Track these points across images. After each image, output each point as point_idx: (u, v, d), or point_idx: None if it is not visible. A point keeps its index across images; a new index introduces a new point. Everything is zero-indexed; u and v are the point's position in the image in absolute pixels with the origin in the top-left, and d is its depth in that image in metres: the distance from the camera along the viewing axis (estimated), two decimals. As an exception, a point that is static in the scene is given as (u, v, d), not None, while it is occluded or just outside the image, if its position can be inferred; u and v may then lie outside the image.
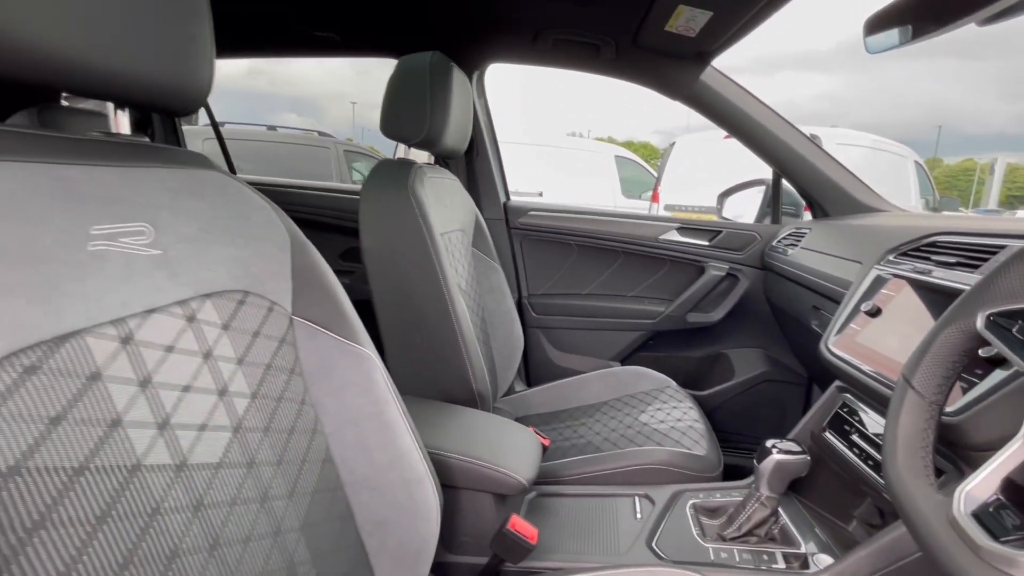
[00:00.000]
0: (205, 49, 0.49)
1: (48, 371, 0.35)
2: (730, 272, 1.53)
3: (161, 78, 0.46)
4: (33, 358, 0.34)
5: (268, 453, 0.52)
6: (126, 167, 0.45)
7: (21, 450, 0.33)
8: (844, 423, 0.84)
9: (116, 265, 0.41)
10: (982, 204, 27.83)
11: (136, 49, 0.42)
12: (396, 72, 1.05)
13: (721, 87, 1.32)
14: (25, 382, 0.34)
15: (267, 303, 0.55)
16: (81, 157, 0.41)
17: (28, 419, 0.33)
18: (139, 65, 0.43)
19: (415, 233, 0.99)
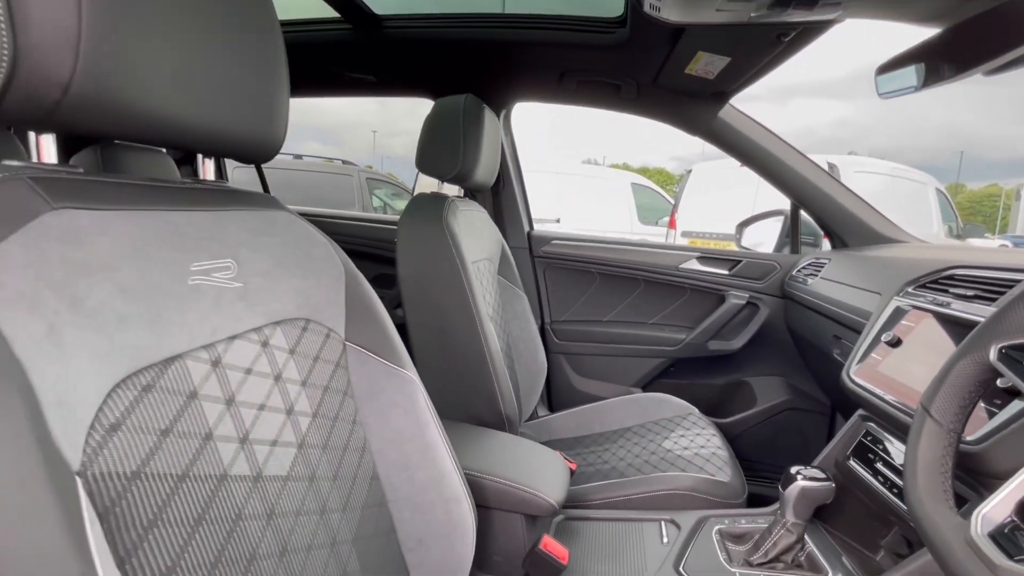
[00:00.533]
0: (282, 106, 0.56)
1: (159, 389, 0.41)
2: (750, 301, 1.55)
3: (247, 133, 0.52)
4: (148, 377, 0.40)
5: (326, 468, 0.57)
6: (217, 211, 0.51)
7: (141, 457, 0.38)
8: (868, 451, 0.86)
9: (208, 297, 0.47)
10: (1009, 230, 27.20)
11: (231, 110, 0.49)
12: (433, 113, 1.13)
13: (739, 123, 1.38)
14: (143, 399, 0.39)
15: (325, 330, 0.61)
16: (185, 204, 0.48)
17: (146, 431, 0.39)
18: (232, 123, 0.50)
19: (449, 263, 1.05)
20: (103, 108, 0.38)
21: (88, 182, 0.41)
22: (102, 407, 0.36)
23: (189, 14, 0.43)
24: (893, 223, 1.41)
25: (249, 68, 0.51)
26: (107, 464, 0.35)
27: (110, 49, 0.37)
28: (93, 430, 0.35)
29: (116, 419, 0.37)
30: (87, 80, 0.36)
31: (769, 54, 1.01)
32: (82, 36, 0.35)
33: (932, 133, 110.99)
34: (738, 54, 1.03)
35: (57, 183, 0.38)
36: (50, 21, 0.34)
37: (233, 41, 0.48)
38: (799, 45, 0.98)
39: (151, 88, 0.41)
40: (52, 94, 0.35)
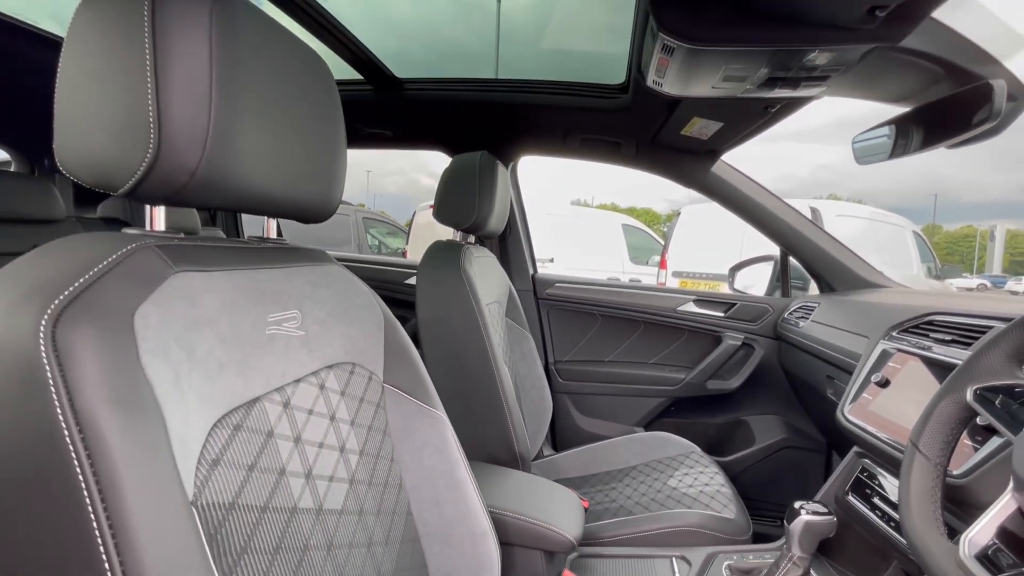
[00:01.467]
0: (341, 171, 0.64)
1: (247, 428, 0.46)
2: (745, 342, 1.63)
3: (314, 198, 0.60)
4: (238, 417, 0.45)
5: (371, 504, 0.62)
6: (286, 267, 0.58)
7: (235, 489, 0.43)
8: (865, 487, 0.91)
9: (280, 344, 0.53)
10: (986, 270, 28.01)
11: (305, 180, 0.57)
12: (451, 168, 1.22)
13: (730, 177, 1.49)
14: (235, 436, 0.44)
15: (368, 373, 0.67)
16: (263, 262, 0.54)
17: (238, 466, 0.44)
18: (303, 190, 0.57)
19: (466, 306, 1.12)
20: (216, 187, 0.45)
21: (195, 247, 0.47)
22: (205, 443, 0.41)
23: (283, 106, 0.51)
24: (875, 268, 1.51)
25: (320, 143, 0.58)
26: (212, 495, 0.40)
27: (227, 140, 0.44)
28: (200, 464, 0.40)
29: (216, 455, 0.42)
30: (209, 167, 0.43)
31: (758, 121, 1.12)
32: (210, 132, 0.42)
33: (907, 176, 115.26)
34: (730, 120, 1.14)
35: (174, 249, 0.44)
36: (188, 122, 0.41)
37: (311, 123, 0.56)
38: (784, 114, 1.09)
39: (252, 168, 0.48)
40: (181, 179, 0.42)
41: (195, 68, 0.41)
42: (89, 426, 0.32)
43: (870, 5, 0.61)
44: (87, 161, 0.42)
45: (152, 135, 0.40)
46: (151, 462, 0.34)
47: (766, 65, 0.77)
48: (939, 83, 0.77)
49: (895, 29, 0.67)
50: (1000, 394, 0.54)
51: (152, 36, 0.39)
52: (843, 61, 0.75)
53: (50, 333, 0.33)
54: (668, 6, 0.70)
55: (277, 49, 0.50)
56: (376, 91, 1.43)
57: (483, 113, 1.46)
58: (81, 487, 0.31)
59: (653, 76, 0.91)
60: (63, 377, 0.32)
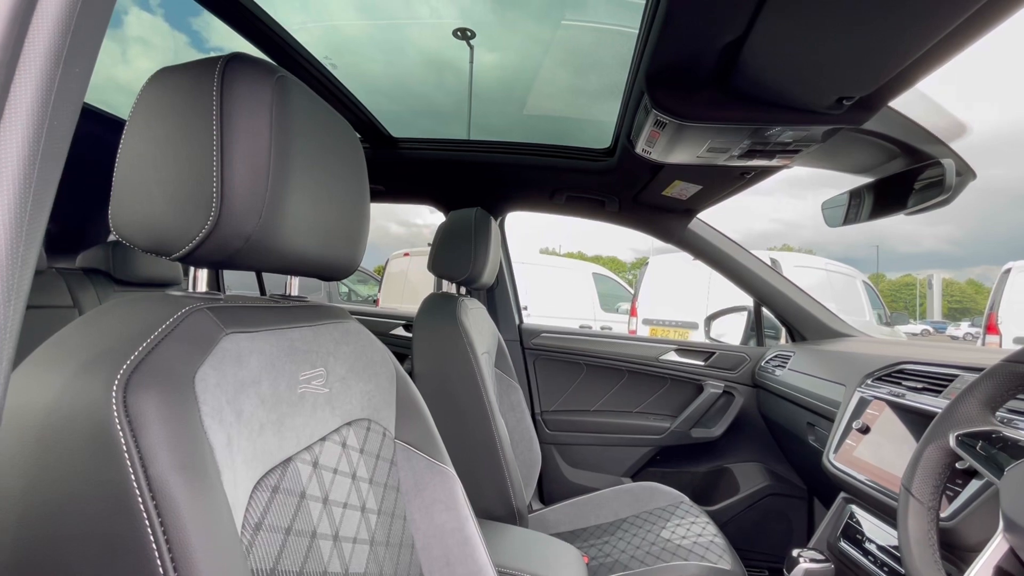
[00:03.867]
0: (364, 232, 0.66)
1: (283, 490, 0.46)
2: (726, 390, 1.68)
3: (340, 256, 0.62)
4: (275, 479, 0.45)
5: (389, 566, 0.60)
6: (315, 326, 0.59)
7: (275, 555, 0.42)
8: (856, 532, 0.95)
9: (309, 402, 0.53)
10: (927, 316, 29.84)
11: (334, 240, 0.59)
12: (447, 224, 1.27)
13: (705, 234, 1.59)
14: (274, 498, 0.44)
15: (382, 429, 0.67)
16: (295, 321, 0.55)
17: (276, 530, 0.43)
18: (332, 249, 0.59)
19: (463, 358, 1.13)
20: (266, 251, 0.47)
21: (239, 308, 0.48)
22: (248, 506, 0.41)
23: (323, 173, 0.54)
24: (841, 319, 1.61)
25: (350, 205, 0.61)
26: (256, 560, 0.40)
27: (280, 208, 0.47)
28: (245, 528, 0.40)
29: (259, 518, 0.42)
30: (262, 233, 0.45)
31: (734, 185, 1.23)
32: (266, 201, 0.45)
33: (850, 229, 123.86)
34: (708, 184, 1.24)
35: (223, 311, 0.45)
36: (248, 191, 0.43)
37: (343, 186, 0.59)
38: (759, 179, 1.20)
39: (297, 232, 0.50)
40: (236, 244, 0.44)
41: (257, 141, 0.44)
42: (161, 492, 0.32)
43: (838, 96, 0.71)
44: (146, 227, 0.43)
45: (215, 203, 0.42)
46: (218, 527, 0.34)
47: (747, 138, 0.86)
48: (895, 159, 0.87)
49: (858, 114, 0.77)
50: (980, 439, 0.59)
51: (220, 110, 0.42)
52: (813, 138, 0.85)
53: (121, 399, 0.33)
54: (662, 87, 0.78)
55: (320, 121, 0.54)
56: (372, 149, 1.48)
57: (473, 172, 1.53)
58: (155, 554, 0.31)
59: (643, 145, 1.00)
60: (136, 443, 0.32)
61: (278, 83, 0.46)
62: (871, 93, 0.69)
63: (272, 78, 0.46)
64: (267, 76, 0.46)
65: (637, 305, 5.40)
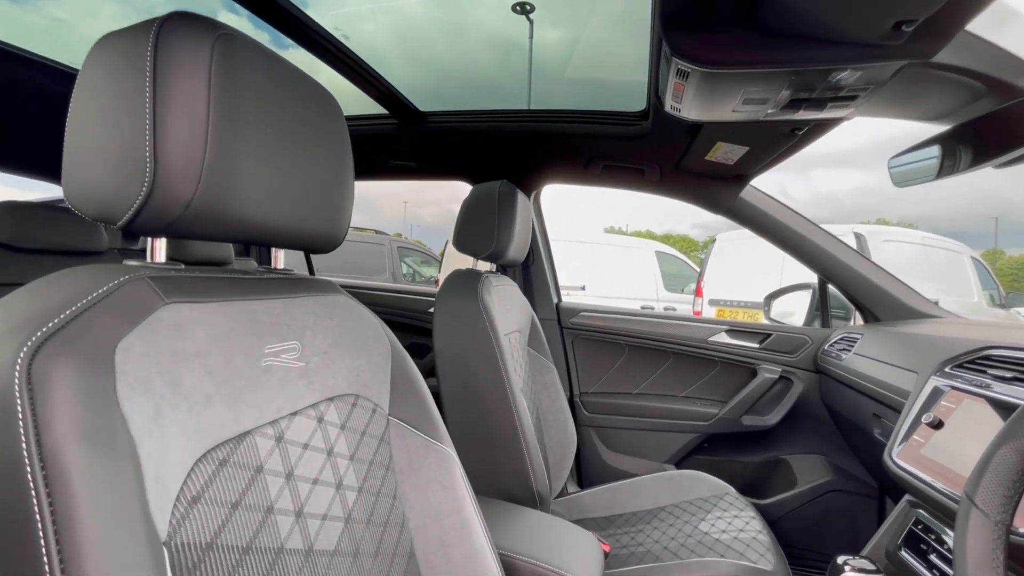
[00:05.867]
0: (348, 204, 0.64)
1: (233, 464, 0.45)
2: (783, 375, 1.53)
3: (320, 228, 0.60)
4: (224, 452, 0.44)
5: (368, 544, 0.59)
6: (288, 298, 0.57)
7: (215, 529, 0.41)
8: (920, 541, 0.82)
9: (276, 376, 0.52)
10: (1058, 298, 26.02)
11: (309, 210, 0.57)
12: (470, 198, 1.23)
13: (760, 202, 1.43)
14: (220, 472, 0.43)
15: (372, 405, 0.65)
16: (261, 293, 0.54)
17: (220, 503, 0.42)
18: (308, 220, 0.57)
19: (483, 337, 1.10)
20: (213, 218, 0.45)
21: (190, 278, 0.47)
22: (186, 480, 0.40)
23: (284, 136, 0.52)
24: (924, 297, 1.40)
25: (324, 175, 0.59)
26: (188, 535, 0.39)
27: (222, 173, 0.45)
28: (178, 502, 0.39)
29: (197, 492, 0.41)
30: (204, 198, 0.43)
31: (785, 144, 1.08)
32: (205, 164, 0.43)
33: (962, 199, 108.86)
34: (755, 144, 1.10)
35: (168, 281, 0.45)
36: (184, 154, 0.42)
37: (313, 152, 0.56)
38: (812, 137, 1.05)
39: (250, 199, 0.48)
40: (176, 211, 0.43)
41: (193, 103, 0.42)
42: (53, 462, 0.31)
43: (895, 21, 0.58)
44: (90, 195, 0.43)
45: (148, 169, 0.41)
46: (115, 499, 0.33)
47: (787, 87, 0.74)
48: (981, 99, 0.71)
49: (926, 45, 0.63)
50: (1070, 443, 0.47)
51: (153, 73, 0.41)
52: (872, 80, 0.71)
53: (26, 366, 0.32)
54: (679, 30, 0.68)
55: (280, 83, 0.51)
56: (401, 124, 1.47)
57: (503, 143, 1.47)
58: (38, 524, 0.30)
59: (671, 102, 0.89)
60: (33, 411, 0.31)
61: (220, 41, 0.44)
62: (937, 13, 0.56)
63: (212, 36, 0.43)
64: (206, 34, 0.43)
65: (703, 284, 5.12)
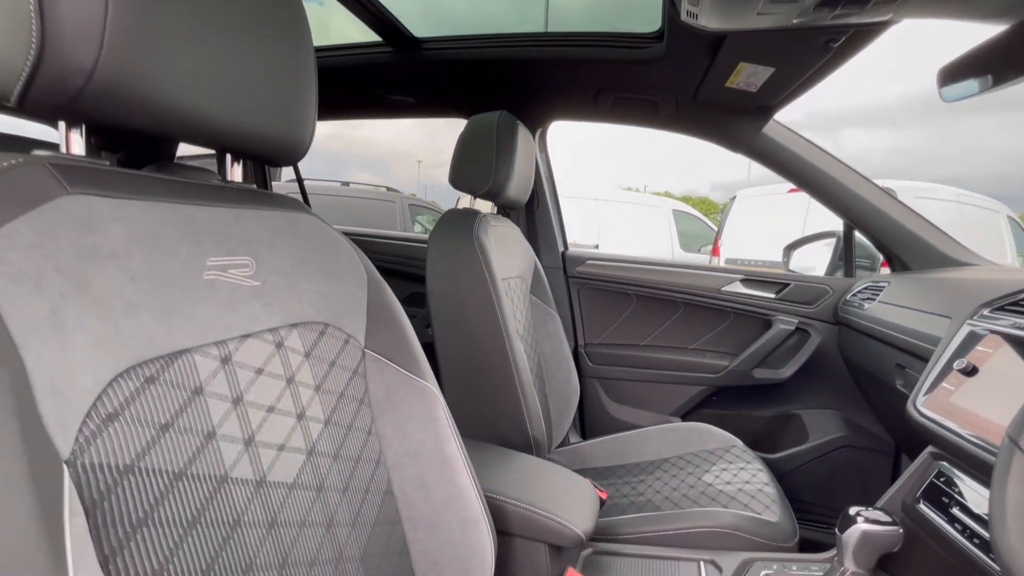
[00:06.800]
0: (309, 109, 0.56)
1: (163, 382, 0.40)
2: (800, 327, 1.45)
3: (273, 134, 0.53)
4: (153, 370, 0.39)
5: (336, 479, 0.55)
6: (238, 208, 0.51)
7: (137, 450, 0.36)
8: (942, 494, 0.76)
9: (223, 293, 0.46)
10: (1095, 264, 25.03)
11: (257, 109, 0.49)
12: (466, 129, 1.14)
13: (784, 139, 1.31)
14: (145, 390, 0.38)
15: (344, 335, 0.59)
16: (204, 199, 0.48)
17: (145, 423, 0.37)
18: (257, 123, 0.50)
19: (478, 278, 1.03)
20: (125, 98, 0.38)
21: (109, 171, 0.41)
22: (101, 396, 0.35)
23: (217, 12, 0.44)
24: (962, 245, 1.29)
25: (277, 70, 0.51)
26: (100, 455, 0.34)
27: (135, 40, 0.37)
28: (89, 418, 0.34)
29: (114, 409, 0.36)
30: (110, 70, 0.36)
31: (816, 62, 0.96)
32: (108, 26, 0.35)
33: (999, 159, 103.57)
34: (783, 64, 0.98)
35: (76, 170, 0.38)
36: (78, 10, 0.34)
37: (262, 42, 0.49)
38: (848, 53, 0.92)
39: (174, 81, 0.41)
40: (75, 82, 0.36)
41: None
42: None
43: None
44: None
45: (34, 27, 0.34)
46: None
47: (824, -24, 0.63)
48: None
49: None
50: None
51: None
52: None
53: None
54: None
55: None
56: (395, 53, 1.36)
57: (504, 71, 1.36)
58: None
59: (687, 6, 0.78)
60: None
61: None
62: None
63: None
64: None
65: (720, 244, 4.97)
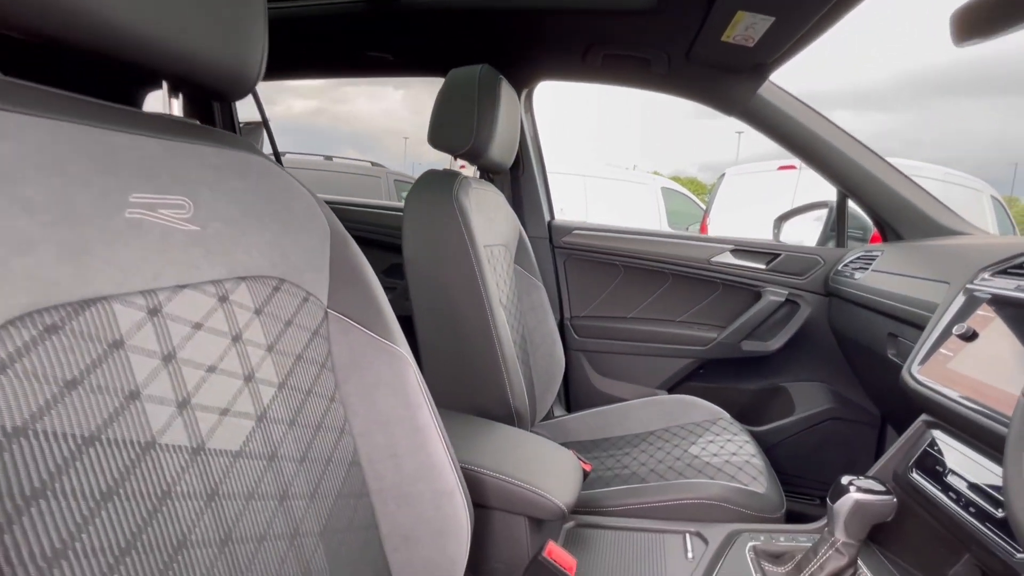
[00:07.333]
0: (258, 35, 0.49)
1: (70, 332, 0.34)
2: (789, 298, 1.42)
3: (212, 59, 0.46)
4: (56, 317, 0.33)
5: (291, 448, 0.49)
6: (171, 140, 0.44)
7: (31, 411, 0.31)
8: (936, 463, 0.73)
9: (152, 236, 0.40)
10: (1069, 247, 25.65)
11: (192, 27, 0.42)
12: (446, 84, 1.06)
13: (780, 101, 1.26)
14: (44, 340, 0.32)
15: (302, 293, 0.53)
16: (126, 125, 0.41)
17: (42, 379, 0.32)
18: (193, 44, 0.43)
19: (457, 242, 0.97)
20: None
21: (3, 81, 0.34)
22: None
23: None
24: (956, 214, 1.26)
25: None
26: None
27: None
28: None
29: (2, 360, 0.30)
30: None
31: (818, 11, 0.90)
32: None
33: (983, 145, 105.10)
34: (783, 12, 0.92)
35: None
36: None
37: None
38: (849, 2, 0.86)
39: None
40: None
41: None
42: None
43: None
44: None
45: None
46: None
47: None
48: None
49: None
50: None
51: None
52: None
53: None
54: None
55: None
56: (370, 2, 1.27)
57: (487, 23, 1.27)
58: None
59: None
60: None
61: None
62: None
63: None
64: None
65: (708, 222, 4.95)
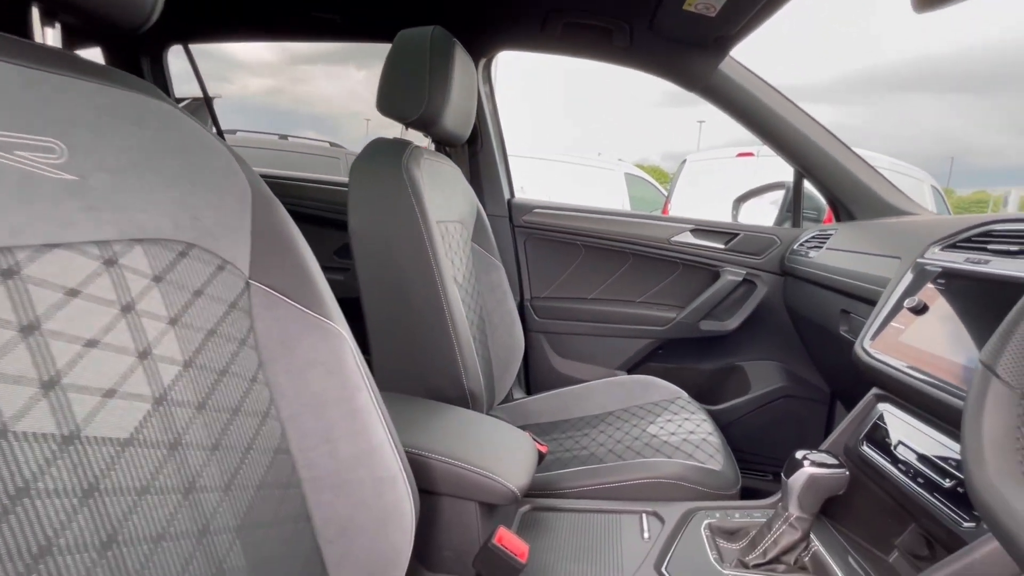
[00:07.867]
0: None
1: None
2: (747, 278, 1.43)
3: None
4: None
5: (200, 434, 0.43)
6: (40, 71, 0.37)
7: None
8: (884, 435, 0.74)
9: (7, 183, 0.33)
10: (997, 236, 27.53)
11: None
12: (395, 46, 0.99)
13: (741, 78, 1.25)
14: None
15: (217, 260, 0.47)
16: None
17: None
18: None
19: (407, 215, 0.91)
20: None
21: None
22: None
23: None
24: (906, 195, 1.29)
25: None
26: None
27: None
28: None
29: None
30: None
31: None
32: None
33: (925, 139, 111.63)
34: None
35: None
36: None
37: None
38: None
39: None
40: None
41: None
42: None
43: None
44: None
45: None
46: None
47: None
48: None
49: None
50: None
51: None
52: None
53: None
54: None
55: None
56: None
57: None
58: None
59: None
60: None
61: None
62: None
63: None
64: None
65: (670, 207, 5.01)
